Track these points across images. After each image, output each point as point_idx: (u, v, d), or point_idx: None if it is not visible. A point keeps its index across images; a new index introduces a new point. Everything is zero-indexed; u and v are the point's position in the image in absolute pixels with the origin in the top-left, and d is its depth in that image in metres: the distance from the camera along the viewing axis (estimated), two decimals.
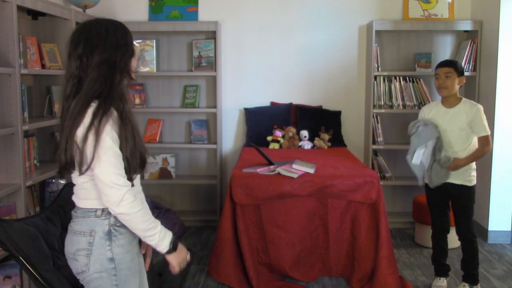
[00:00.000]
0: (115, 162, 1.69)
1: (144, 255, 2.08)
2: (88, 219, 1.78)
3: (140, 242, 1.99)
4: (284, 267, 3.41)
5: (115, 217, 1.79)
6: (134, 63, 1.87)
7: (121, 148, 1.73)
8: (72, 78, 1.76)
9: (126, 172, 1.74)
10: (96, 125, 1.67)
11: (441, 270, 3.47)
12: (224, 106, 4.94)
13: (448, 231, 3.43)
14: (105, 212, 1.78)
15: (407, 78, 4.71)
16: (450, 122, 3.22)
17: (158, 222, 1.80)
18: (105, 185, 1.68)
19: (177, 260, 1.86)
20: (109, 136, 1.69)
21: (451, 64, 3.23)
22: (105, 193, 1.69)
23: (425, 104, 4.65)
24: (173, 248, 1.83)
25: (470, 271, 3.34)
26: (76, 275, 1.84)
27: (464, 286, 3.35)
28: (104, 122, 1.68)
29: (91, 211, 1.79)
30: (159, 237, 1.79)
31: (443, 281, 3.45)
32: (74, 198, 1.86)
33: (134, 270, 1.88)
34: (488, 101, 4.41)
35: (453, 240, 4.23)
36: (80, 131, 1.69)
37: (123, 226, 1.82)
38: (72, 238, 1.81)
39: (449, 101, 3.27)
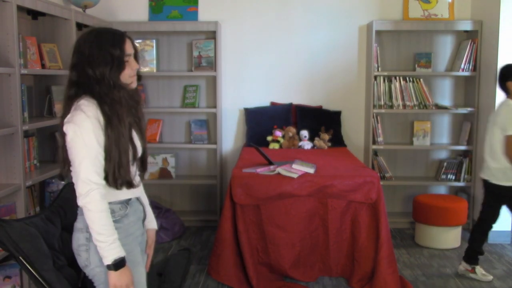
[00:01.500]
0: (92, 159, 1.77)
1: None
2: (84, 216, 1.84)
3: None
4: (284, 267, 3.41)
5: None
6: (127, 71, 1.89)
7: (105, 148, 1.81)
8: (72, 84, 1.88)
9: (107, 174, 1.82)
10: (75, 121, 1.77)
11: (477, 259, 3.61)
12: (224, 106, 4.94)
13: None
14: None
15: (407, 78, 4.71)
16: None
17: (115, 235, 1.79)
18: (78, 178, 1.77)
19: (115, 282, 1.80)
20: (89, 133, 1.76)
21: None
22: (77, 185, 1.78)
23: (425, 104, 4.67)
24: (114, 266, 1.78)
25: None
26: (83, 270, 1.92)
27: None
28: (81, 119, 1.76)
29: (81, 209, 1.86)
30: (107, 247, 1.77)
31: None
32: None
33: (135, 262, 1.92)
34: (488, 101, 4.41)
35: (453, 240, 4.24)
36: (64, 128, 1.80)
37: (117, 221, 1.87)
38: (74, 235, 1.91)
39: None
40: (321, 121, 4.74)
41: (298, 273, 3.46)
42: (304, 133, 4.65)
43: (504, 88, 3.44)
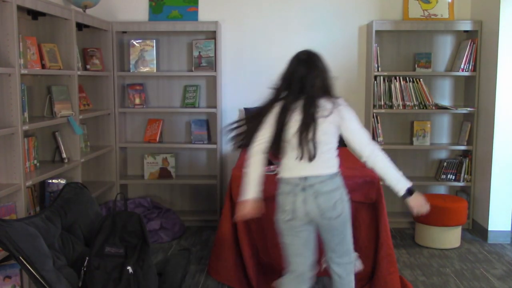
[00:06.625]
0: None
1: None
2: (332, 180, 2.56)
3: None
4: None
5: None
6: None
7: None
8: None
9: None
10: None
11: None
12: (224, 106, 4.94)
13: None
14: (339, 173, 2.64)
15: (407, 78, 4.71)
16: None
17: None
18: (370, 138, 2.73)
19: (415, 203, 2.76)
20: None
21: None
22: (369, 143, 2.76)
23: (425, 104, 4.67)
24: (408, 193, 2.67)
25: None
26: (331, 220, 2.52)
27: None
28: None
29: (334, 175, 2.59)
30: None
31: None
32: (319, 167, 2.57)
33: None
34: (488, 101, 4.41)
35: (453, 240, 4.24)
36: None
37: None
38: (327, 196, 2.52)
39: None
40: None
41: None
42: None
43: None
